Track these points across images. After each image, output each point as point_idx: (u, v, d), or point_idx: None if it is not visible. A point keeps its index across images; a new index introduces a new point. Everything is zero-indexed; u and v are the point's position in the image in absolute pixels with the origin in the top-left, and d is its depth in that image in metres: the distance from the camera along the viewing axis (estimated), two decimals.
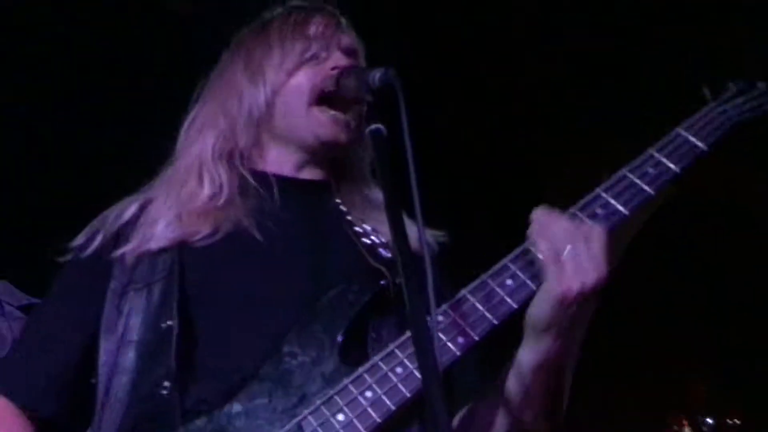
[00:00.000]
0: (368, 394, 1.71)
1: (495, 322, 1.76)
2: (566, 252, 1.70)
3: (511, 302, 1.77)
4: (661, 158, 1.89)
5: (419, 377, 1.68)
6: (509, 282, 1.78)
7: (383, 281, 1.87)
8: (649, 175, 1.88)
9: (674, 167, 1.88)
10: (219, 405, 1.73)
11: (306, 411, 1.71)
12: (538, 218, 1.75)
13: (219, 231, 1.90)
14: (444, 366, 1.69)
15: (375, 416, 1.70)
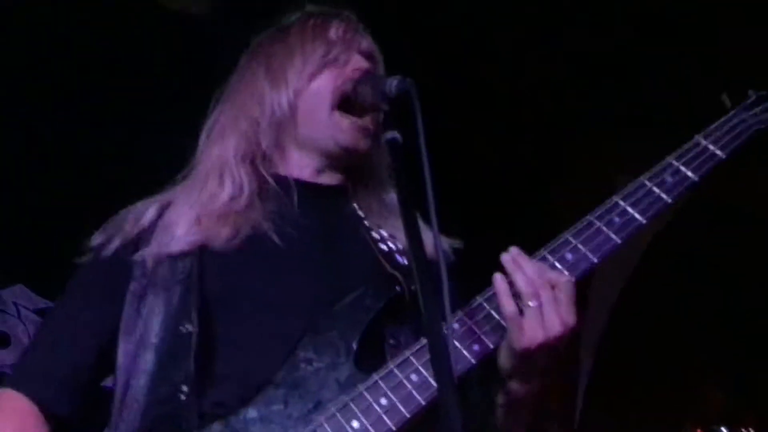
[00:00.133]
0: (383, 401, 1.71)
1: None
2: (530, 304, 1.69)
3: None
4: (680, 166, 1.89)
5: (434, 385, 1.68)
6: None
7: (398, 287, 1.87)
8: (668, 184, 1.87)
9: (693, 176, 1.89)
10: (235, 410, 1.73)
11: (321, 417, 1.71)
12: (506, 263, 1.74)
13: (238, 235, 1.90)
14: (459, 374, 1.68)
15: (390, 423, 1.70)
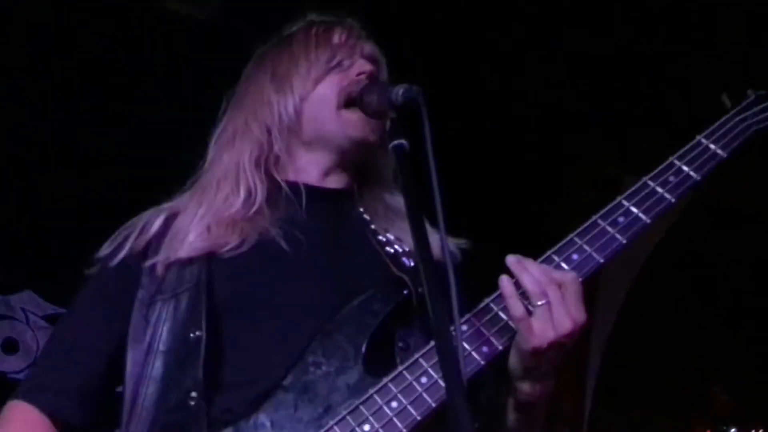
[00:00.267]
0: (393, 404, 1.72)
1: None
2: (538, 304, 1.70)
3: None
4: (683, 166, 1.91)
5: (444, 387, 1.70)
6: None
7: (406, 291, 1.87)
8: (671, 183, 1.89)
9: (695, 175, 1.90)
10: (245, 415, 1.74)
11: (332, 421, 1.72)
12: (511, 264, 1.75)
13: (246, 241, 1.91)
14: (468, 375, 1.69)
15: (401, 426, 1.71)
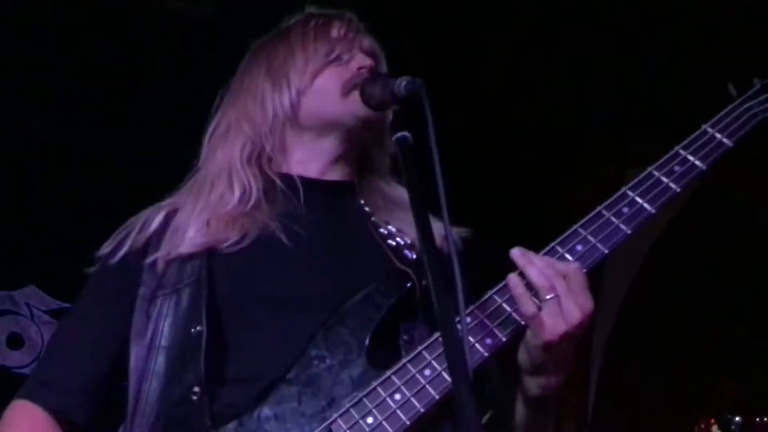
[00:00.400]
0: (397, 397, 1.71)
1: (522, 323, 1.75)
2: (547, 298, 1.70)
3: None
4: (688, 155, 1.90)
5: (447, 379, 1.69)
6: None
7: (409, 283, 1.87)
8: (676, 173, 1.88)
9: (701, 164, 1.89)
10: (249, 409, 1.74)
11: (335, 414, 1.71)
12: (515, 257, 1.74)
13: (246, 236, 1.90)
14: (472, 367, 1.67)
15: (404, 418, 1.70)
